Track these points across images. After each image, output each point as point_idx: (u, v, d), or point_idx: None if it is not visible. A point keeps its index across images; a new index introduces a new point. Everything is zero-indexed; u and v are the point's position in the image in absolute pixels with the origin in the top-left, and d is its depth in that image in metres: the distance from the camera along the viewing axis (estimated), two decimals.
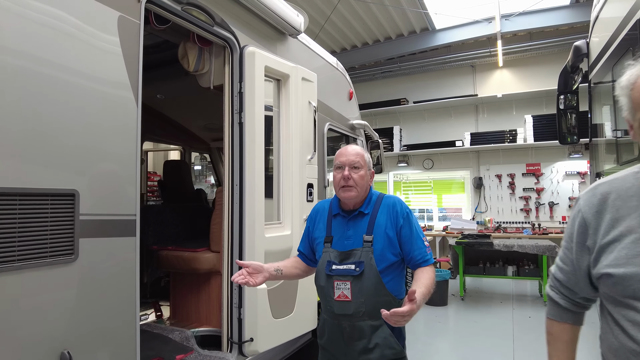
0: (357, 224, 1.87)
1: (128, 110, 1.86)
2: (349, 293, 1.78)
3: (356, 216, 1.88)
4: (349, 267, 1.79)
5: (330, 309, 1.83)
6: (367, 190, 1.92)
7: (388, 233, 1.82)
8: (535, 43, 8.04)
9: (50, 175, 1.56)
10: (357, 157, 1.88)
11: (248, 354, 2.50)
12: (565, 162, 8.09)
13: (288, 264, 2.01)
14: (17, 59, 1.46)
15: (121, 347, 1.81)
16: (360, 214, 1.87)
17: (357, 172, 1.86)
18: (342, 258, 1.82)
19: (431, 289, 1.73)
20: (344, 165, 1.86)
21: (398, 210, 1.85)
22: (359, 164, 1.87)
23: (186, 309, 3.03)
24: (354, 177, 1.84)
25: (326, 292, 1.84)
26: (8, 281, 1.42)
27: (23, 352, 1.45)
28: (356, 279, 1.78)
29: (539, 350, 4.20)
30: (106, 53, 1.77)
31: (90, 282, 1.69)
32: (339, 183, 1.87)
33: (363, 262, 1.77)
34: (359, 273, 1.77)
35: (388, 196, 1.94)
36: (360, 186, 1.85)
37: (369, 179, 1.91)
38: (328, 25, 7.78)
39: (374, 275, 1.77)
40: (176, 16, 2.19)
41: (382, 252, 1.80)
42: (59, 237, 1.58)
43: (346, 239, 1.85)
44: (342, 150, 1.95)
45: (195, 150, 5.59)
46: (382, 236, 1.81)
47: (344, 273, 1.79)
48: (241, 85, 2.52)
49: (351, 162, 1.86)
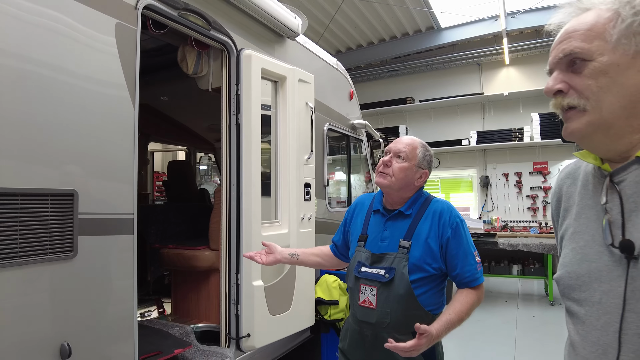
0: (395, 225, 1.70)
1: (125, 112, 1.93)
2: (374, 300, 1.63)
3: (396, 216, 1.71)
4: (378, 271, 1.64)
5: (354, 314, 1.72)
6: (410, 188, 1.73)
7: (430, 243, 1.62)
8: (542, 40, 7.97)
9: (50, 176, 1.63)
10: (406, 147, 1.72)
11: (245, 349, 2.56)
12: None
13: (308, 251, 1.96)
14: (19, 63, 1.53)
15: (119, 341, 1.88)
16: (401, 214, 1.70)
17: (400, 162, 1.69)
18: (373, 261, 1.67)
19: (465, 316, 1.56)
20: (389, 152, 1.74)
21: (446, 220, 1.64)
22: (405, 155, 1.70)
23: (186, 306, 3.11)
24: (394, 165, 1.69)
25: (352, 295, 1.73)
26: (10, 276, 1.49)
27: (25, 344, 1.53)
28: (384, 285, 1.62)
29: (540, 350, 4.21)
30: (104, 57, 1.84)
31: (89, 278, 1.76)
32: (379, 167, 1.74)
33: (394, 269, 1.61)
34: (387, 280, 1.61)
35: (437, 200, 1.74)
36: (397, 178, 1.68)
37: (413, 177, 1.71)
38: (333, 25, 7.82)
39: (405, 285, 1.59)
40: (173, 21, 2.26)
41: (419, 262, 1.61)
42: (59, 234, 1.65)
43: (381, 240, 1.70)
44: (398, 138, 1.83)
45: (200, 151, 5.69)
46: (421, 245, 1.62)
47: (372, 277, 1.64)
48: (238, 88, 2.59)
49: (397, 150, 1.72)
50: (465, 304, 1.59)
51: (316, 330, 3.14)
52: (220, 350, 2.53)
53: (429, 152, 1.81)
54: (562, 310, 4.42)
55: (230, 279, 2.55)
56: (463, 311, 1.58)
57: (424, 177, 1.77)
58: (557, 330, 4.83)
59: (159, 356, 2.26)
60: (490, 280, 7.60)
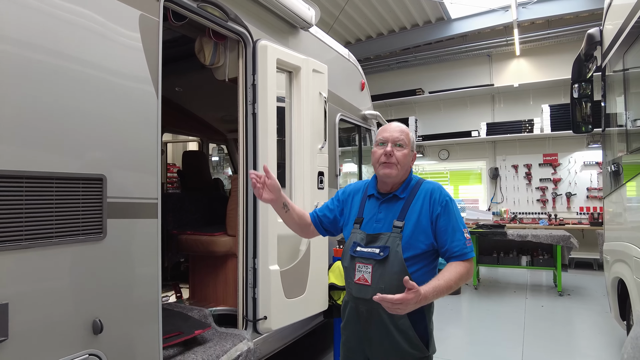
0: (390, 207, 1.78)
1: (149, 102, 2.01)
2: (369, 277, 1.71)
3: (390, 199, 1.79)
4: (373, 250, 1.71)
5: (350, 291, 1.81)
6: (408, 172, 1.82)
7: (422, 221, 1.70)
8: (554, 31, 7.92)
9: (81, 161, 1.72)
10: (402, 134, 1.77)
11: (262, 331, 2.66)
12: (584, 152, 7.99)
13: (296, 209, 1.95)
14: (54, 58, 1.61)
15: (145, 318, 1.98)
16: (395, 197, 1.78)
17: (401, 150, 1.75)
18: (369, 241, 1.74)
19: (453, 284, 1.61)
20: (387, 141, 1.76)
21: (436, 198, 1.73)
22: (403, 142, 1.76)
23: (204, 290, 3.21)
24: (397, 154, 1.73)
25: (348, 274, 1.80)
26: (47, 255, 1.59)
27: (61, 318, 1.63)
28: (379, 263, 1.70)
29: (548, 338, 4.26)
30: (129, 49, 1.92)
31: (117, 259, 1.85)
32: (378, 159, 1.77)
33: (389, 248, 1.68)
34: (382, 258, 1.68)
35: (428, 182, 1.81)
36: (402, 165, 1.75)
37: (410, 161, 1.80)
38: (343, 17, 7.83)
39: (399, 263, 1.66)
40: (192, 13, 2.33)
41: (411, 240, 1.69)
42: (90, 217, 1.74)
43: (376, 222, 1.77)
44: (385, 126, 1.84)
45: (212, 141, 5.77)
46: (413, 223, 1.70)
47: (367, 256, 1.72)
48: (254, 78, 2.65)
49: (395, 138, 1.75)
50: (454, 273, 1.63)
51: (329, 315, 3.23)
52: (237, 332, 2.62)
53: (412, 132, 1.92)
54: (570, 301, 4.53)
55: (248, 263, 2.64)
56: (452, 279, 1.61)
57: (414, 159, 1.87)
58: (566, 320, 4.88)
59: (180, 336, 2.36)
60: (499, 271, 7.64)
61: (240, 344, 2.50)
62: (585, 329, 4.64)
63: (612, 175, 3.48)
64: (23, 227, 1.51)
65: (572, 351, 4.00)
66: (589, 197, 7.95)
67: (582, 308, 5.30)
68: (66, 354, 1.63)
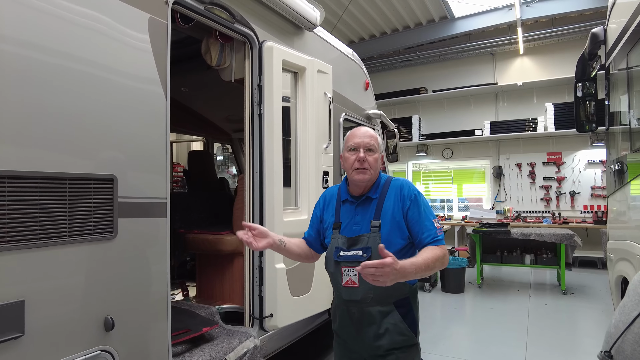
0: (365, 209, 1.84)
1: (158, 104, 2.05)
2: (357, 279, 1.76)
3: (364, 201, 1.85)
4: (356, 252, 1.77)
5: (339, 295, 1.85)
6: (378, 174, 1.89)
7: (395, 216, 1.78)
8: (558, 29, 7.91)
9: (93, 162, 1.76)
10: (372, 139, 1.83)
11: (268, 329, 2.70)
12: (588, 151, 7.99)
13: (293, 240, 1.98)
14: (66, 61, 1.65)
15: (155, 316, 2.02)
16: (368, 199, 1.84)
17: (372, 154, 1.82)
18: (350, 244, 1.80)
19: (431, 263, 1.64)
20: (359, 147, 1.82)
21: (405, 193, 1.80)
22: (374, 147, 1.83)
23: (211, 288, 3.25)
24: (369, 159, 1.80)
25: (335, 279, 1.85)
26: (61, 254, 1.63)
27: (74, 315, 1.67)
28: None
29: (552, 336, 4.28)
30: (139, 52, 1.96)
31: (127, 258, 1.89)
32: (352, 165, 1.82)
33: (370, 248, 1.74)
34: (366, 259, 1.72)
35: (396, 179, 1.89)
36: (374, 169, 1.82)
37: (380, 163, 1.89)
38: (346, 16, 7.85)
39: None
40: (200, 15, 2.36)
41: (390, 237, 1.76)
42: (101, 216, 1.78)
43: (354, 225, 1.83)
44: (353, 131, 1.89)
45: (217, 141, 5.81)
46: (389, 220, 1.78)
47: (352, 259, 1.77)
48: (260, 79, 2.69)
49: (366, 144, 1.82)
50: (431, 254, 1.66)
51: None
52: (244, 330, 2.66)
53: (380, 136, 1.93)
54: (574, 299, 4.54)
55: (254, 261, 2.68)
56: (429, 258, 1.64)
57: (383, 160, 1.97)
58: (570, 318, 4.90)
59: (188, 334, 2.40)
60: (503, 270, 7.65)
61: (247, 341, 2.54)
62: (589, 327, 4.65)
63: (616, 174, 3.49)
64: (38, 227, 1.56)
65: (575, 349, 4.02)
66: (593, 196, 7.94)
67: (585, 306, 5.31)
68: (79, 350, 1.67)
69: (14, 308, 1.46)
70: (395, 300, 1.79)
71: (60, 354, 1.61)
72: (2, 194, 1.45)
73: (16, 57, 1.50)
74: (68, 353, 1.64)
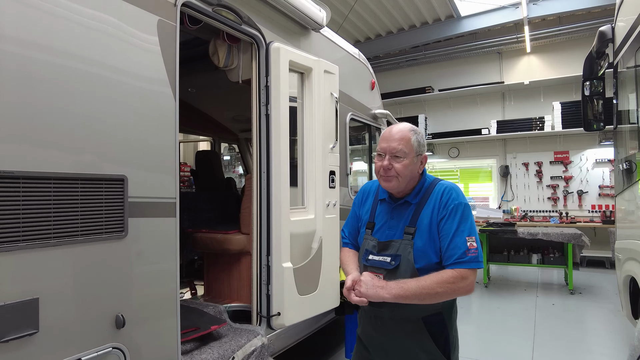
0: (401, 213, 1.68)
1: (167, 105, 2.08)
2: None
3: (402, 205, 1.69)
4: (384, 259, 1.64)
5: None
6: (417, 177, 1.70)
7: (432, 226, 1.59)
8: (565, 27, 7.87)
9: (104, 163, 1.79)
10: (401, 143, 1.62)
11: (276, 327, 2.72)
12: (596, 150, 7.93)
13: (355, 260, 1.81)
14: (78, 64, 1.68)
15: (164, 314, 2.05)
16: (407, 203, 1.68)
17: (400, 161, 1.62)
18: (380, 248, 1.67)
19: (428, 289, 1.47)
20: (385, 153, 1.65)
21: (445, 200, 1.60)
22: (402, 152, 1.62)
23: (219, 286, 3.29)
24: (396, 166, 1.62)
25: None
26: (73, 253, 1.66)
27: (86, 313, 1.70)
28: (390, 272, 1.61)
29: (560, 336, 4.27)
30: (148, 53, 1.98)
31: (137, 256, 1.92)
32: (378, 172, 1.69)
33: (400, 256, 1.60)
34: (393, 267, 1.60)
35: (442, 183, 1.68)
36: (403, 176, 1.63)
37: (416, 167, 1.66)
38: (352, 15, 7.85)
39: (411, 272, 1.57)
40: (207, 17, 2.39)
41: (424, 248, 1.58)
42: (112, 216, 1.81)
43: (388, 229, 1.69)
44: (385, 132, 1.71)
45: (224, 141, 5.85)
46: (425, 230, 1.59)
47: (379, 265, 1.65)
48: (267, 80, 2.71)
49: (392, 149, 1.63)
50: (433, 277, 1.50)
51: (341, 312, 3.27)
52: (252, 328, 2.69)
53: (419, 133, 1.71)
54: (582, 299, 4.53)
55: (262, 260, 2.71)
56: (427, 280, 1.49)
57: (425, 161, 1.72)
58: (577, 318, 4.88)
59: (197, 332, 2.43)
60: (509, 269, 7.63)
61: (255, 340, 2.56)
62: (597, 327, 4.63)
63: (624, 173, 3.47)
64: (52, 226, 1.59)
65: (583, 349, 4.00)
66: (601, 195, 7.88)
67: (593, 306, 5.29)
68: (91, 347, 1.71)
69: (29, 305, 1.50)
70: (425, 316, 1.62)
71: (73, 350, 1.65)
72: (17, 194, 1.49)
73: (30, 60, 1.53)
74: (81, 349, 1.67)
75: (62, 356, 1.60)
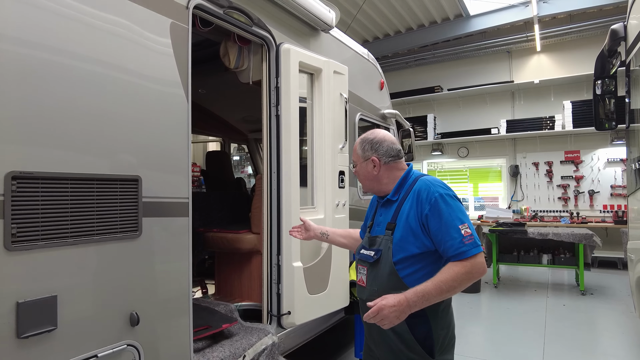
0: (387, 210, 1.80)
1: (180, 107, 2.11)
2: (365, 279, 1.77)
3: (386, 202, 1.81)
4: (369, 253, 1.76)
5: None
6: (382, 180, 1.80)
7: (410, 222, 1.66)
8: (576, 25, 7.79)
9: (118, 163, 1.83)
10: (353, 154, 1.90)
11: (286, 326, 2.75)
12: (608, 149, 7.84)
13: (337, 231, 2.18)
14: (91, 65, 1.72)
15: (177, 312, 2.08)
16: (389, 200, 1.79)
17: (355, 169, 1.88)
18: (370, 243, 1.80)
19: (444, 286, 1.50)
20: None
21: (424, 197, 1.64)
22: (354, 162, 1.89)
23: (230, 285, 3.32)
24: (358, 173, 1.88)
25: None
26: (89, 251, 1.70)
27: (102, 310, 1.74)
28: (372, 266, 1.74)
29: (570, 337, 4.23)
30: (161, 56, 2.02)
31: (151, 256, 1.96)
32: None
33: (381, 250, 1.71)
34: (373, 260, 1.72)
35: (421, 180, 1.73)
36: (363, 183, 1.90)
37: (370, 171, 1.80)
38: (360, 15, 7.86)
39: (388, 265, 1.67)
40: (219, 19, 2.42)
41: (401, 242, 1.66)
42: (126, 215, 1.85)
43: (377, 225, 1.82)
44: None
45: (234, 141, 5.89)
46: (402, 225, 1.69)
47: (364, 258, 1.79)
48: (277, 81, 2.73)
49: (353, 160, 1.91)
50: (445, 274, 1.53)
51: (350, 311, 3.29)
52: (262, 327, 2.71)
53: (367, 139, 1.83)
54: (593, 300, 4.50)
55: (272, 260, 2.73)
56: (442, 281, 1.51)
57: (377, 162, 1.78)
58: (589, 319, 4.83)
59: (209, 330, 2.46)
60: (519, 270, 7.57)
61: (265, 338, 2.59)
62: (609, 328, 4.58)
63: (637, 173, 3.44)
64: (69, 226, 1.63)
65: (594, 351, 3.97)
66: (613, 195, 7.79)
67: (605, 307, 5.23)
68: (107, 344, 1.75)
69: (47, 303, 1.54)
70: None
71: (90, 346, 1.68)
72: (36, 195, 1.53)
73: (49, 64, 1.57)
74: (97, 346, 1.71)
75: (79, 352, 1.64)
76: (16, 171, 1.47)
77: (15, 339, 1.46)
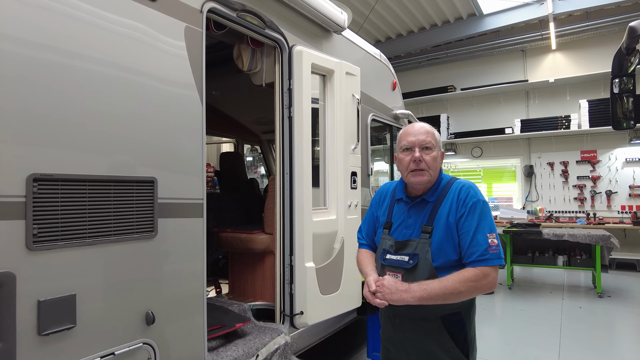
0: (419, 212, 1.68)
1: (195, 109, 2.14)
2: None
3: (419, 203, 1.69)
4: (402, 258, 1.63)
5: None
6: (438, 173, 1.70)
7: (450, 224, 1.58)
8: (593, 23, 7.64)
9: (135, 165, 1.86)
10: (428, 135, 1.65)
11: (298, 326, 2.76)
12: (626, 149, 7.68)
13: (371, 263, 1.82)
14: (108, 69, 1.76)
15: (192, 311, 2.11)
16: (424, 201, 1.68)
17: (429, 153, 1.64)
18: (398, 248, 1.66)
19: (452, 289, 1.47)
20: (413, 146, 1.64)
21: (463, 198, 1.59)
22: (431, 144, 1.64)
23: (243, 285, 3.35)
24: (426, 159, 1.62)
25: None
26: (107, 251, 1.74)
27: (119, 309, 1.78)
28: (408, 272, 1.61)
29: (587, 340, 4.16)
30: (176, 59, 2.05)
31: (166, 256, 1.99)
32: (407, 167, 1.65)
33: (418, 255, 1.60)
34: (411, 266, 1.60)
35: (459, 181, 1.68)
36: (433, 169, 1.64)
37: (440, 161, 1.69)
38: (373, 15, 7.84)
39: (429, 271, 1.57)
40: (232, 22, 2.44)
41: (441, 246, 1.58)
42: (143, 216, 1.89)
43: (405, 228, 1.69)
44: (407, 128, 1.71)
45: (247, 143, 5.94)
46: (442, 228, 1.59)
47: (396, 264, 1.65)
48: (290, 82, 2.75)
49: (421, 142, 1.64)
50: (454, 276, 1.50)
51: (362, 312, 3.29)
52: (275, 326, 2.73)
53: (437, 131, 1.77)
54: (611, 303, 4.43)
55: (285, 260, 2.75)
56: (449, 280, 1.48)
57: (443, 157, 1.74)
58: (606, 322, 4.74)
59: (223, 329, 2.49)
60: (534, 271, 7.47)
61: (278, 338, 2.61)
62: (627, 332, 4.50)
63: None
64: (87, 226, 1.67)
65: (611, 355, 3.89)
66: (632, 196, 7.63)
67: (623, 310, 5.13)
68: (124, 342, 1.78)
69: (67, 301, 1.58)
70: (444, 315, 1.61)
71: (108, 344, 1.72)
72: (56, 196, 1.57)
73: (68, 68, 1.61)
74: (114, 344, 1.75)
75: (97, 350, 1.68)
76: (37, 173, 1.51)
77: (37, 336, 1.50)
